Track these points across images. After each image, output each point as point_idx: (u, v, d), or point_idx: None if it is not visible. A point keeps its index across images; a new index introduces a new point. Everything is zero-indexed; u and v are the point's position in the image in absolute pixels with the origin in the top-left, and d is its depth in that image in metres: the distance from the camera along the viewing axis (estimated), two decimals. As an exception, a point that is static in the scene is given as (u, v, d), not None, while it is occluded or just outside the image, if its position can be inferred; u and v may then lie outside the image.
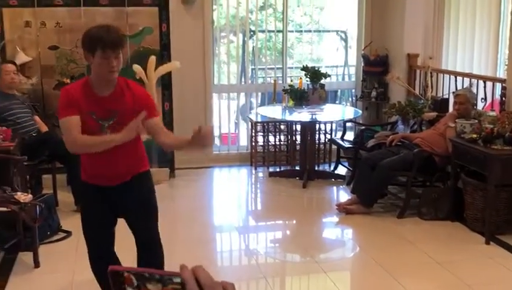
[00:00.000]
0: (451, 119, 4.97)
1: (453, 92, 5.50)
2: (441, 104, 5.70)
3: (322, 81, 6.55)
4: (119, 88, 2.91)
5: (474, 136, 4.52)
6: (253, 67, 7.28)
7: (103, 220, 3.08)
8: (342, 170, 6.42)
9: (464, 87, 5.48)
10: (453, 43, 6.78)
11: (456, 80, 5.75)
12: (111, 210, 3.07)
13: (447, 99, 5.77)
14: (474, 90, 5.34)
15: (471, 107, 5.05)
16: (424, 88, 6.17)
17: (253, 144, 6.67)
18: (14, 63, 5.34)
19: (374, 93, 6.70)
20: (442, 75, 6.13)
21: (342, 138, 6.43)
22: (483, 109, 5.32)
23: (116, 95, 2.91)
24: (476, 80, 5.55)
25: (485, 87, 5.42)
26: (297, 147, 6.54)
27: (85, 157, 3.01)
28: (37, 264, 3.95)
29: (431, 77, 6.04)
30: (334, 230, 5.02)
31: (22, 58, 5.68)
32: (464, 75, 5.82)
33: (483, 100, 5.42)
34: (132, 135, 2.80)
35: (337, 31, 7.76)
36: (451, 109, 5.39)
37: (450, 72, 6.05)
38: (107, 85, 2.89)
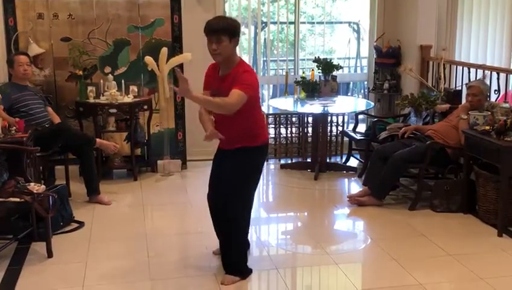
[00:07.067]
0: (464, 111, 4.94)
1: (466, 84, 5.46)
2: (453, 96, 5.66)
3: (334, 73, 6.53)
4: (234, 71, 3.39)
5: (487, 128, 4.49)
6: (264, 59, 7.27)
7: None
8: (353, 162, 6.41)
9: (477, 78, 5.45)
10: (466, 35, 6.73)
11: (469, 72, 5.71)
12: None
13: (460, 91, 5.74)
14: (488, 82, 5.30)
15: (484, 98, 5.00)
16: (436, 80, 6.13)
17: (265, 136, 6.66)
18: (27, 55, 5.36)
19: (386, 85, 6.67)
20: (455, 66, 6.08)
21: (353, 130, 6.41)
22: (496, 100, 5.28)
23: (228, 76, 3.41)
24: (489, 72, 5.51)
25: (498, 78, 5.39)
26: (309, 139, 6.53)
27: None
28: (50, 254, 3.98)
29: (444, 68, 6.00)
30: (346, 222, 5.01)
31: (34, 49, 5.71)
32: (477, 66, 5.78)
33: (496, 92, 5.39)
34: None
35: (349, 23, 7.73)
36: (464, 100, 5.36)
37: (463, 64, 6.01)
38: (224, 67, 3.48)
